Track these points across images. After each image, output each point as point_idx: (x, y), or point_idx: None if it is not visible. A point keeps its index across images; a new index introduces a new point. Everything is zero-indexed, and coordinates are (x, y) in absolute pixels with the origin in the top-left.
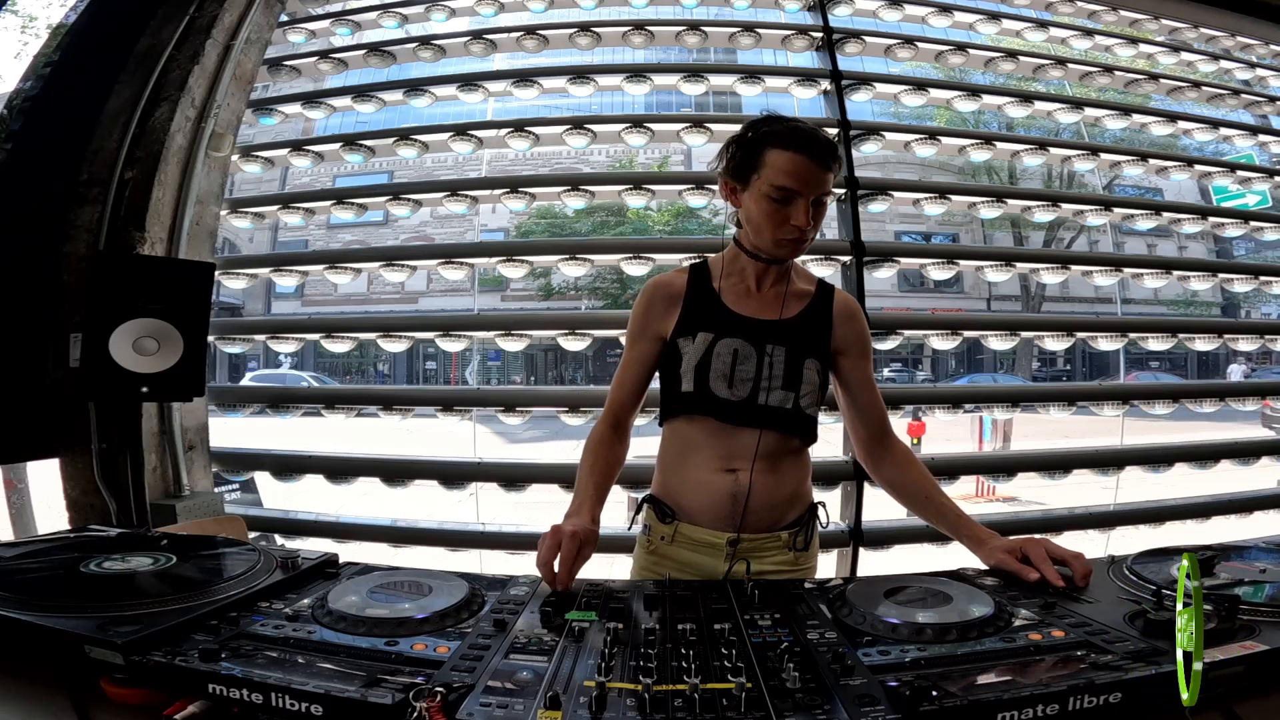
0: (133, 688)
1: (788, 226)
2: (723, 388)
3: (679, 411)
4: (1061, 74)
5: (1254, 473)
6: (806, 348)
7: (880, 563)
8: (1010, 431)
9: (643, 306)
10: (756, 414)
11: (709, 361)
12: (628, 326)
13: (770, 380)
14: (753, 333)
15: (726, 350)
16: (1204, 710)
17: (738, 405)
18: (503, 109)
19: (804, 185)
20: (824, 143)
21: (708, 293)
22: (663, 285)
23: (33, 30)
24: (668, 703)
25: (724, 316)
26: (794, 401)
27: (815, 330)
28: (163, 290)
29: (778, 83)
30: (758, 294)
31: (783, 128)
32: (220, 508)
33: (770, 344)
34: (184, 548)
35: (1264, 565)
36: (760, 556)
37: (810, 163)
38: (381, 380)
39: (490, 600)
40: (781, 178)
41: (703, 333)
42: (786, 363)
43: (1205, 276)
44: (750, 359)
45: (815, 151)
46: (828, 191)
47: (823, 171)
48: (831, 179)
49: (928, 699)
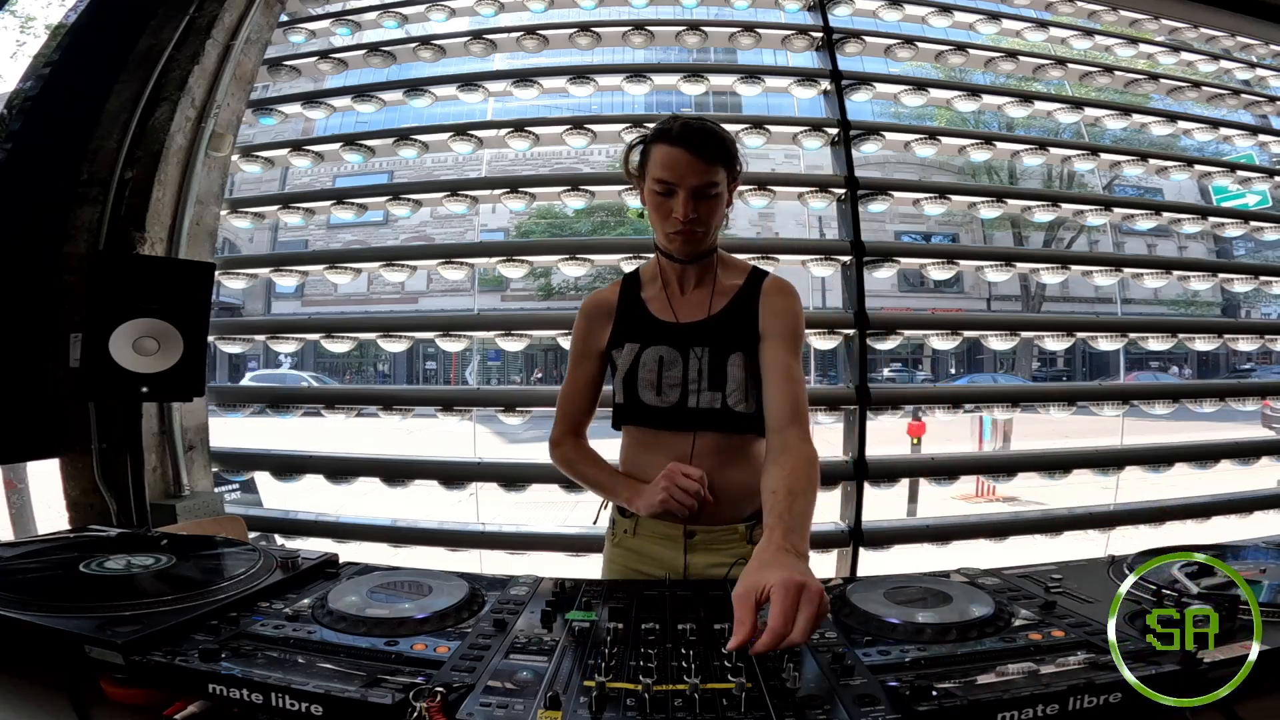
0: (133, 688)
1: (671, 219)
2: (651, 396)
3: (620, 421)
4: (1061, 74)
5: (1254, 473)
6: (731, 343)
7: (880, 563)
8: (1010, 431)
9: (581, 327)
10: (687, 418)
11: (636, 371)
12: (570, 344)
13: (698, 382)
14: (676, 337)
15: (652, 358)
16: (1205, 710)
17: (668, 411)
18: (503, 109)
19: (679, 176)
20: (703, 134)
21: (635, 303)
22: (596, 303)
23: (32, 30)
24: (668, 703)
25: (648, 324)
26: (722, 401)
27: (741, 322)
28: (163, 290)
29: (778, 83)
30: (683, 296)
31: (667, 124)
32: (220, 508)
33: (695, 346)
34: (184, 548)
35: (1264, 565)
36: (718, 549)
37: (686, 154)
38: (381, 380)
39: (490, 600)
40: (660, 170)
41: (629, 344)
42: (710, 362)
43: (1205, 276)
44: (676, 364)
45: (691, 143)
46: (710, 184)
47: (700, 163)
48: (717, 171)
49: (928, 699)
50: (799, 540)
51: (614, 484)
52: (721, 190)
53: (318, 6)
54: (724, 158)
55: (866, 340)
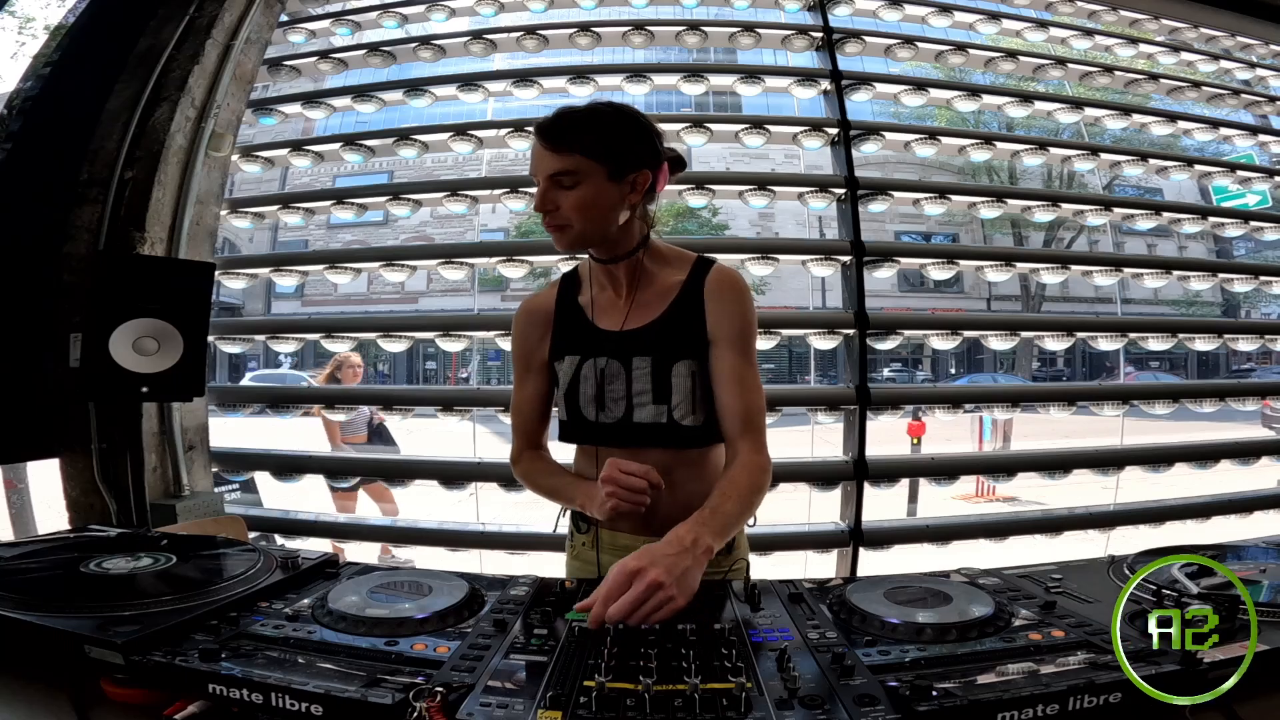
0: (133, 688)
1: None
2: (593, 412)
3: (565, 438)
4: (1061, 74)
5: (1254, 473)
6: (675, 350)
7: (880, 563)
8: (1010, 431)
9: (518, 338)
10: (632, 433)
11: (577, 386)
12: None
13: (640, 396)
14: (616, 346)
15: (593, 371)
16: (1205, 710)
17: (612, 427)
18: (503, 109)
19: (534, 166)
20: (552, 120)
21: (574, 309)
22: (531, 310)
23: (32, 30)
24: (668, 703)
25: (586, 333)
26: (667, 415)
27: (685, 324)
28: (163, 290)
29: (778, 83)
30: (621, 299)
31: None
32: (220, 508)
33: (636, 355)
34: (184, 548)
35: (1264, 565)
36: None
37: (537, 142)
38: (381, 380)
39: (490, 600)
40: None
41: (569, 356)
42: (653, 374)
43: (1205, 276)
44: (619, 376)
45: (541, 131)
46: (567, 171)
47: (547, 149)
48: (569, 159)
49: (928, 699)
50: (707, 533)
51: (570, 489)
52: (584, 179)
53: (318, 6)
54: (582, 145)
55: (866, 340)
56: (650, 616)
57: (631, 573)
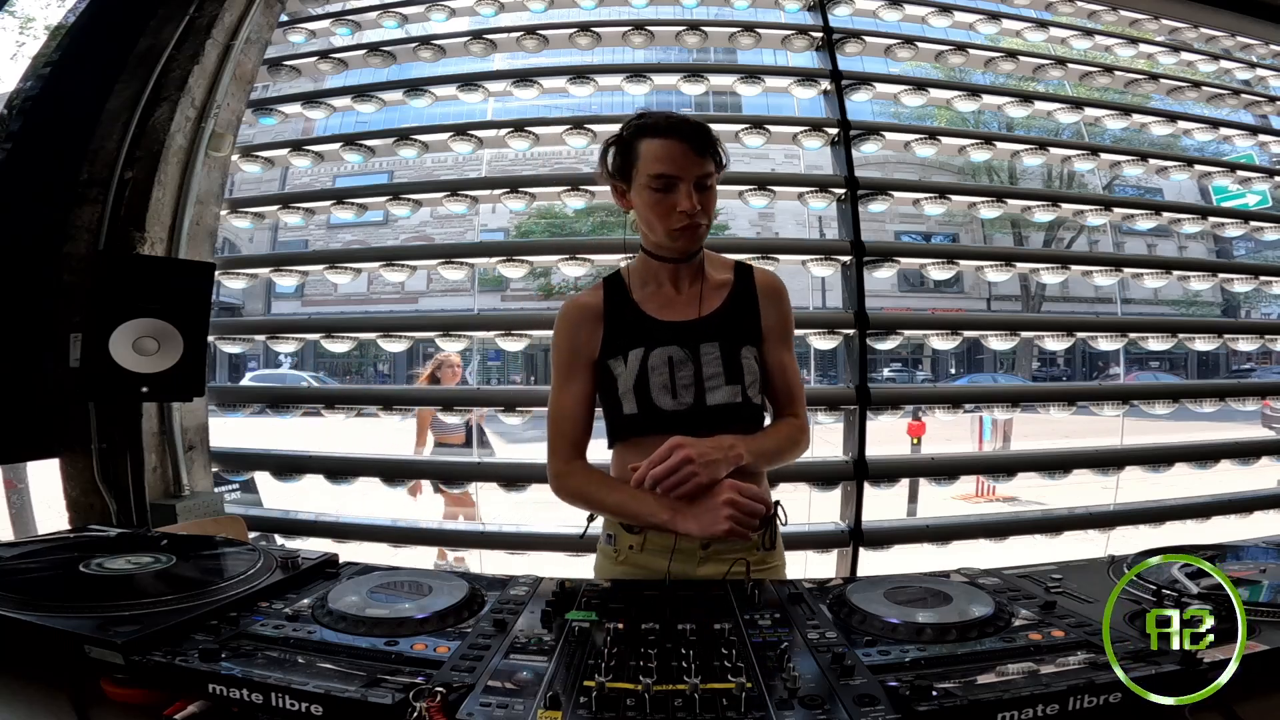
0: (133, 688)
1: (676, 214)
2: (667, 399)
3: (626, 435)
4: (1061, 74)
5: (1254, 473)
6: (740, 336)
7: (880, 563)
8: (1010, 431)
9: (566, 334)
10: (706, 416)
11: (646, 376)
12: (553, 357)
13: (713, 379)
14: (683, 336)
15: (661, 361)
16: (1204, 710)
17: (686, 413)
18: (503, 109)
19: (680, 169)
20: (694, 126)
21: (628, 306)
22: (579, 307)
23: (32, 31)
24: (668, 703)
25: (650, 327)
26: (742, 394)
27: (744, 316)
28: (163, 290)
29: (778, 83)
30: (677, 296)
31: (652, 119)
32: (220, 508)
33: (703, 343)
34: (184, 548)
35: (1264, 565)
36: (730, 557)
37: (682, 145)
38: (381, 380)
39: (490, 600)
40: (657, 165)
41: (633, 350)
42: (724, 357)
43: (1205, 276)
44: (687, 363)
45: (686, 134)
46: (709, 174)
47: (696, 154)
48: (709, 163)
49: (928, 699)
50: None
51: (648, 505)
52: (714, 183)
53: (318, 6)
54: (714, 150)
55: (866, 340)
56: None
57: (675, 446)
